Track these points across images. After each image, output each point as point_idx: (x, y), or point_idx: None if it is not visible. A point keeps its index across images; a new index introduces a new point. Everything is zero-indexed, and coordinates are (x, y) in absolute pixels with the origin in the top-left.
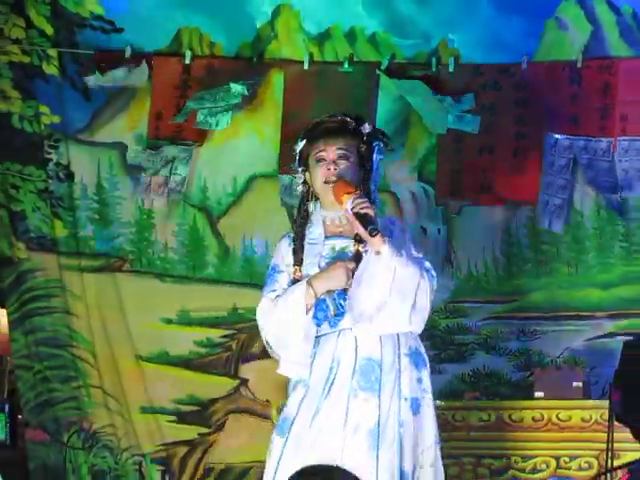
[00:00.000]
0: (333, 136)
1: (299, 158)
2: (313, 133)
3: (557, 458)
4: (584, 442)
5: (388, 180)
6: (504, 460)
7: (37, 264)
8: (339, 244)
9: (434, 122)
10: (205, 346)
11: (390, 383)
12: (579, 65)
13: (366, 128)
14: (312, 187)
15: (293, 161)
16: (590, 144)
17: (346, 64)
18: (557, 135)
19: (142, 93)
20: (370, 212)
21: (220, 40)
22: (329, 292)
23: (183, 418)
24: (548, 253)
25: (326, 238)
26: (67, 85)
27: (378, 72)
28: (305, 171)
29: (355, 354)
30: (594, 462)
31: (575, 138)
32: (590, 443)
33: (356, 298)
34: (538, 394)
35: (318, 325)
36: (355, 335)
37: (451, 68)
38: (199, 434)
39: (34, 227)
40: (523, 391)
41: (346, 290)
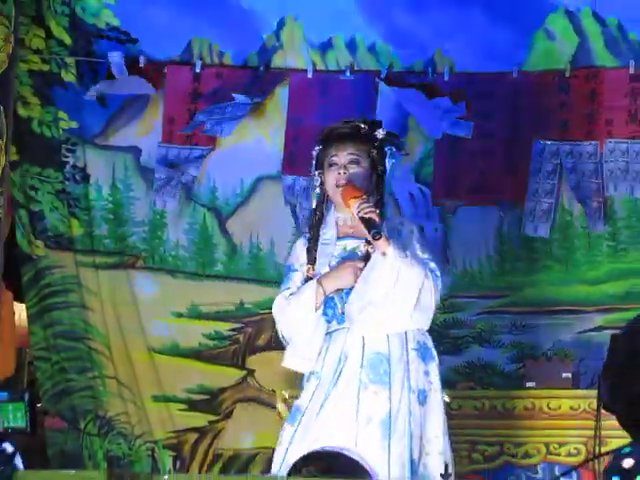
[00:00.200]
0: (345, 141)
1: (315, 162)
2: (327, 138)
3: (547, 445)
4: (573, 429)
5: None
6: (497, 447)
7: (54, 261)
8: (350, 244)
9: (430, 127)
10: (214, 339)
11: (399, 376)
12: (567, 74)
13: (380, 133)
14: (326, 190)
15: (295, 163)
16: (576, 148)
17: (347, 72)
18: (544, 141)
19: (155, 100)
20: (374, 216)
21: (228, 50)
22: (338, 290)
23: (193, 406)
24: (539, 251)
25: (338, 239)
26: (84, 92)
27: (377, 80)
28: (321, 174)
29: (362, 349)
30: (582, 448)
31: (561, 143)
32: (579, 430)
33: (361, 295)
34: (529, 384)
35: (328, 322)
36: (362, 329)
37: (446, 76)
38: (209, 421)
39: (52, 226)
40: (515, 381)
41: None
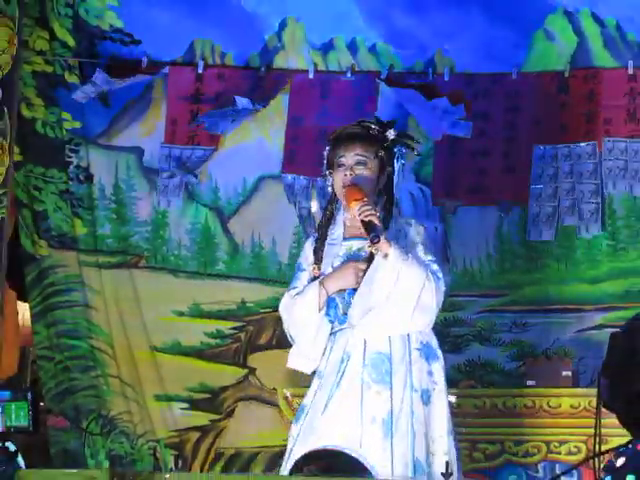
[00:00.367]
0: (353, 142)
1: (327, 162)
2: (337, 138)
3: (547, 443)
4: (573, 428)
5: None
6: (498, 445)
7: (58, 261)
8: (356, 245)
9: (430, 128)
10: (215, 337)
11: (401, 376)
12: (566, 75)
13: (391, 134)
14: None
15: (294, 162)
16: (575, 150)
17: (348, 73)
18: (544, 146)
19: (158, 101)
20: (374, 219)
21: (230, 51)
22: (340, 291)
23: (195, 405)
24: (539, 250)
25: (345, 239)
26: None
27: (378, 81)
28: (332, 174)
29: (364, 349)
30: (582, 447)
31: (561, 147)
32: (579, 429)
33: (363, 297)
34: (530, 383)
35: (331, 322)
36: (363, 331)
37: (446, 77)
38: (210, 420)
39: (55, 226)
40: (515, 380)
41: (356, 289)
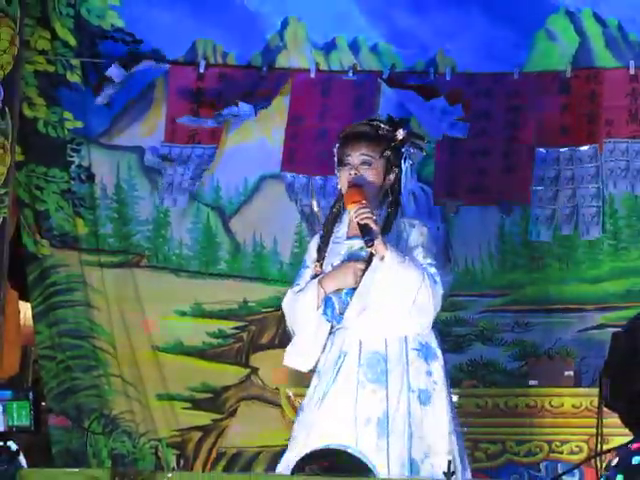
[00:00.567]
0: (360, 141)
1: (336, 160)
2: (346, 137)
3: (549, 443)
4: (575, 427)
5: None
6: (499, 445)
7: (60, 260)
8: (358, 244)
9: (431, 128)
10: (217, 337)
11: (398, 376)
12: (568, 75)
13: (400, 134)
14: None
15: (294, 161)
16: (576, 153)
17: (350, 73)
18: (546, 149)
19: (159, 100)
20: (370, 222)
21: (232, 50)
22: (337, 291)
23: (197, 405)
24: (540, 249)
25: (348, 238)
26: (89, 92)
27: (379, 80)
28: (339, 172)
29: (360, 348)
30: (584, 446)
31: (563, 150)
32: (580, 428)
33: (361, 298)
34: (532, 382)
35: (329, 321)
36: (358, 332)
37: (448, 77)
38: (212, 420)
39: (57, 225)
40: (517, 379)
41: (354, 289)
